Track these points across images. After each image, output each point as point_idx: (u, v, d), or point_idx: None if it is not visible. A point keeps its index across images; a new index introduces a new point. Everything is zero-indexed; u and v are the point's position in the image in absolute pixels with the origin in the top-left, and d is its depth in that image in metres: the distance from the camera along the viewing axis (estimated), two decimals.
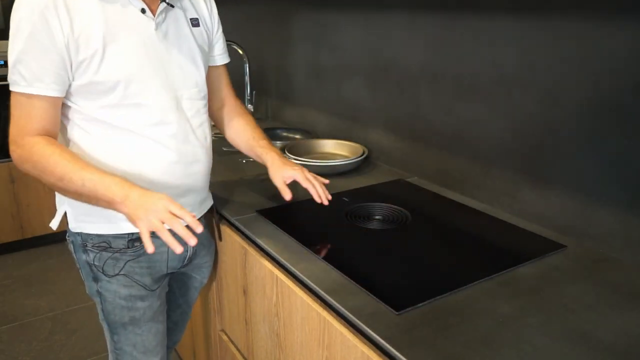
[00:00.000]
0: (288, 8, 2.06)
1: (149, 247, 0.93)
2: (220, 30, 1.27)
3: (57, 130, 1.04)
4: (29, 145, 0.98)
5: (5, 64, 2.64)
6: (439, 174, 1.49)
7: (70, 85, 1.01)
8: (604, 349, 0.80)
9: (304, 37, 2.00)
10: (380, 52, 1.62)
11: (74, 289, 2.58)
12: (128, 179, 1.01)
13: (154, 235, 1.08)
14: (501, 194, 1.32)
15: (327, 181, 1.25)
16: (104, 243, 1.11)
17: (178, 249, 0.92)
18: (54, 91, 0.99)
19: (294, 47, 2.08)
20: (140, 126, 1.06)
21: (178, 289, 1.36)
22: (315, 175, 1.24)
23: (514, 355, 0.78)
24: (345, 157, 1.67)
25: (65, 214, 1.13)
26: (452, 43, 1.37)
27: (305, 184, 1.21)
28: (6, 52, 1.01)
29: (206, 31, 1.20)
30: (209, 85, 1.25)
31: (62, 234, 3.39)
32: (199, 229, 0.96)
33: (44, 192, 2.86)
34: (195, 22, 1.16)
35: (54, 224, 1.14)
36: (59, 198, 1.14)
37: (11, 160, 3.23)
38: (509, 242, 1.15)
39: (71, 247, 1.15)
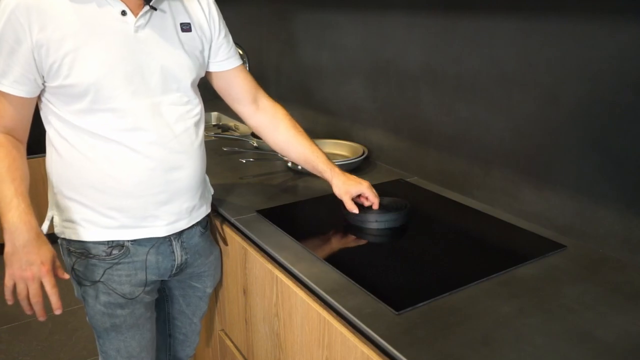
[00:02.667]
0: (288, 8, 2.06)
1: (8, 297, 0.97)
2: (223, 34, 1.21)
3: (24, 131, 1.05)
4: None
5: None
6: (439, 174, 1.49)
7: (45, 88, 1.02)
8: (604, 349, 0.80)
9: (304, 37, 2.00)
10: (380, 52, 1.62)
11: (74, 289, 2.58)
12: (107, 186, 1.04)
13: (139, 243, 1.12)
14: (501, 194, 1.32)
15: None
16: (84, 249, 1.10)
17: (27, 310, 0.99)
18: (17, 90, 0.99)
19: (294, 47, 2.08)
20: (114, 132, 1.03)
21: (182, 297, 1.32)
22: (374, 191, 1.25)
23: (514, 355, 0.78)
24: (345, 157, 1.67)
25: (52, 218, 1.13)
26: (452, 43, 1.37)
27: (373, 198, 1.22)
28: None
29: (200, 36, 1.15)
30: (226, 91, 1.25)
31: None
32: (57, 311, 0.98)
33: (44, 192, 2.84)
34: (185, 27, 1.11)
35: (44, 228, 1.10)
36: (49, 202, 1.14)
37: None
38: (509, 242, 1.15)
39: (59, 250, 1.14)
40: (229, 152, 1.79)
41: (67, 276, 1.00)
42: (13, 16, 0.94)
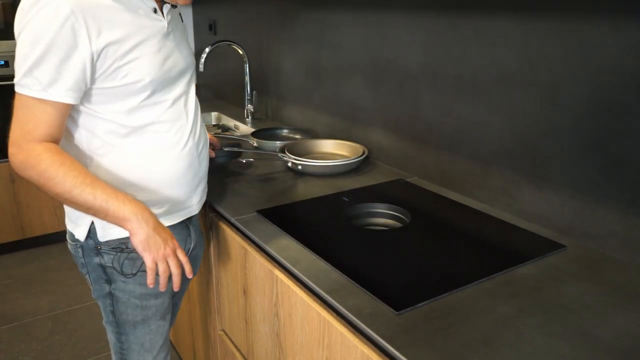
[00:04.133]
0: (288, 8, 2.06)
1: (151, 280, 1.04)
2: None
3: (61, 138, 1.03)
4: (35, 152, 0.96)
5: (6, 64, 2.64)
6: (439, 174, 1.49)
7: (90, 91, 1.01)
8: (604, 349, 0.80)
9: (304, 37, 2.00)
10: (380, 52, 1.62)
11: (74, 289, 2.58)
12: (151, 180, 1.09)
13: (174, 228, 1.18)
14: (501, 194, 1.32)
15: None
16: (121, 244, 1.11)
17: (163, 288, 1.07)
18: (70, 98, 0.97)
19: (294, 47, 2.08)
20: (159, 124, 1.09)
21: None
22: None
23: (514, 355, 0.78)
24: (345, 157, 1.66)
25: (92, 223, 1.10)
26: (452, 43, 1.37)
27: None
28: (6, 52, 1.00)
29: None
30: None
31: (62, 234, 3.38)
32: (190, 276, 1.09)
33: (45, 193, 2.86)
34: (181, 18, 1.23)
35: (82, 236, 1.11)
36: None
37: None
38: (509, 242, 1.15)
39: (79, 251, 1.14)
40: (229, 152, 1.79)
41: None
42: (69, 22, 0.92)
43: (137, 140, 1.08)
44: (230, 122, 2.30)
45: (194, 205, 1.22)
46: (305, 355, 1.03)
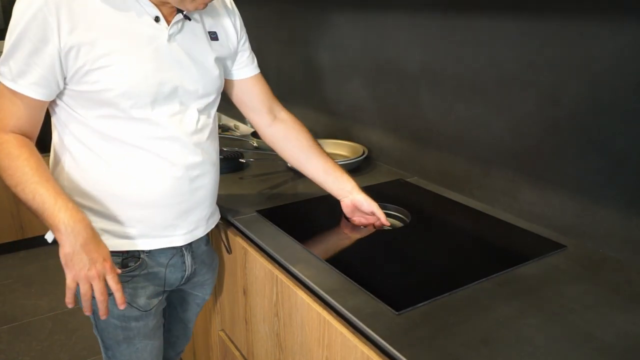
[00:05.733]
0: (288, 8, 2.06)
1: (69, 300, 0.94)
2: (244, 40, 1.19)
3: (36, 133, 0.99)
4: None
5: None
6: (439, 174, 1.49)
7: (64, 91, 0.97)
8: (604, 349, 0.80)
9: (304, 37, 2.00)
10: (380, 52, 1.62)
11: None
12: (126, 194, 1.00)
13: (153, 255, 1.10)
14: (501, 194, 1.32)
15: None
16: None
17: (87, 311, 0.96)
18: (36, 93, 0.93)
19: (294, 47, 2.08)
20: (142, 139, 1.00)
21: (179, 304, 1.30)
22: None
23: (514, 355, 0.78)
24: (345, 157, 1.66)
25: None
26: (452, 43, 1.37)
27: (384, 220, 1.21)
28: None
29: (227, 44, 1.13)
30: (241, 100, 1.23)
31: None
32: (122, 306, 0.96)
33: None
34: (213, 36, 1.09)
35: (49, 237, 1.07)
36: None
37: None
38: (509, 242, 1.15)
39: None
40: (227, 151, 1.79)
41: (119, 271, 0.97)
42: (41, 13, 0.88)
43: (116, 149, 1.00)
44: (230, 122, 2.30)
45: (178, 236, 1.10)
46: (305, 355, 1.03)
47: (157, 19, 0.98)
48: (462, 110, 1.38)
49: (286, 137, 1.26)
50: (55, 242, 0.98)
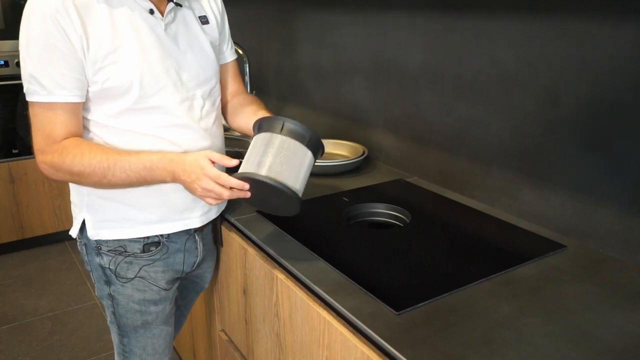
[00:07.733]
0: (288, 8, 2.06)
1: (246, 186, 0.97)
2: (226, 25, 1.25)
3: (82, 129, 1.03)
4: (57, 151, 0.97)
5: (6, 64, 2.64)
6: (439, 174, 1.49)
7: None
8: (604, 349, 0.80)
9: (304, 37, 2.00)
10: (380, 52, 1.62)
11: (74, 289, 2.58)
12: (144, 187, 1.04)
13: (172, 239, 1.14)
14: (501, 194, 1.32)
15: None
16: (120, 247, 1.11)
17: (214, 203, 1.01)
18: (76, 97, 0.98)
19: (294, 47, 2.08)
20: (156, 129, 1.04)
21: (179, 292, 1.33)
22: None
23: (514, 355, 0.78)
24: (345, 157, 1.67)
25: (83, 221, 1.11)
26: (452, 43, 1.37)
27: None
28: (6, 52, 1.00)
29: (215, 28, 1.18)
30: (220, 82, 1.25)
31: (62, 234, 3.37)
32: (242, 195, 0.98)
33: (44, 192, 2.86)
34: (204, 20, 1.15)
35: (74, 232, 1.13)
36: (76, 205, 1.13)
37: (11, 160, 3.19)
38: (509, 242, 1.15)
39: (83, 249, 1.14)
40: (228, 152, 1.79)
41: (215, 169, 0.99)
42: (57, 20, 0.92)
43: (133, 141, 1.04)
44: None
45: (195, 218, 1.16)
46: (305, 355, 1.03)
47: (151, 12, 1.03)
48: (462, 110, 1.38)
49: (241, 104, 1.26)
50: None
